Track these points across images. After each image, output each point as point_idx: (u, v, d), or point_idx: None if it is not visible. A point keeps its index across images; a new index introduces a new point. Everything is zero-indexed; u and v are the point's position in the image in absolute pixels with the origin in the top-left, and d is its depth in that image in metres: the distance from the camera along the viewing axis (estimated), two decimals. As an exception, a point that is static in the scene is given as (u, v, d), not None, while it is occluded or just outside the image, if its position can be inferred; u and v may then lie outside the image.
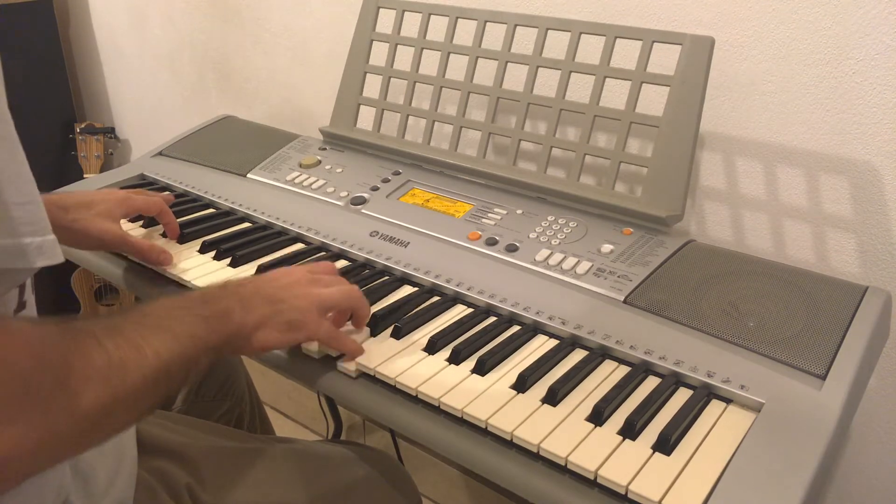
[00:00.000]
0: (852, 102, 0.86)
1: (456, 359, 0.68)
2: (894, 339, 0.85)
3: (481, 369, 0.67)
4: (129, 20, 1.81)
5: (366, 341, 0.72)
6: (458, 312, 0.77)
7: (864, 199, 0.88)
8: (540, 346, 0.71)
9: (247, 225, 0.98)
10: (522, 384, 0.64)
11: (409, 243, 0.87)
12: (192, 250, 0.90)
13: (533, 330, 0.73)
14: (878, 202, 0.87)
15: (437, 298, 0.79)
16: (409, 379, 0.65)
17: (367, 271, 0.85)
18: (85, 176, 1.84)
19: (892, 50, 0.82)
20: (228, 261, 0.87)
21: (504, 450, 0.59)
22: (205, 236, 0.93)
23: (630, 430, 0.58)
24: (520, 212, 0.90)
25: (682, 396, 0.63)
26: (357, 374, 0.68)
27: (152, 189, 1.07)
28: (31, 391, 0.43)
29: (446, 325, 0.74)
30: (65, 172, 1.92)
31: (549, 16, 0.93)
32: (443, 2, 1.04)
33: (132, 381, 0.49)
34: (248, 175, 1.07)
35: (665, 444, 0.57)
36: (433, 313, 0.76)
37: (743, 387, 0.62)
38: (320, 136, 1.14)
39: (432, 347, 0.70)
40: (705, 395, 0.63)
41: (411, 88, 1.04)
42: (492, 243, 0.84)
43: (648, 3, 0.98)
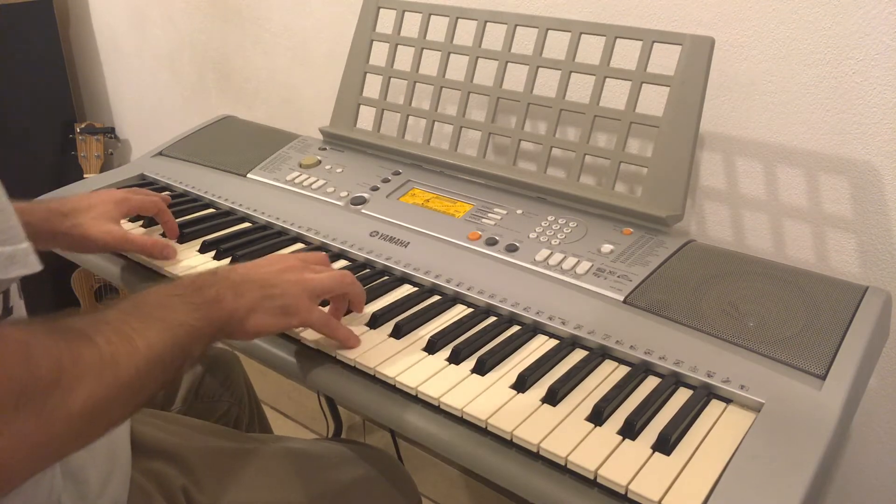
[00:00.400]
0: (852, 102, 0.86)
1: (456, 358, 0.68)
2: (894, 339, 0.85)
3: (481, 369, 0.67)
4: (129, 20, 1.81)
5: (364, 334, 0.72)
6: (458, 312, 0.77)
7: (864, 199, 0.88)
8: (540, 346, 0.71)
9: (247, 225, 0.98)
10: (522, 384, 0.64)
11: (409, 243, 0.87)
12: (192, 250, 0.90)
13: (533, 330, 0.73)
14: (878, 202, 0.87)
15: (437, 298, 0.79)
16: (409, 379, 0.65)
17: (367, 271, 0.85)
18: (85, 176, 1.84)
19: (892, 50, 0.82)
20: (228, 261, 0.87)
21: (504, 450, 0.59)
22: (205, 236, 0.93)
23: (630, 430, 0.58)
24: (520, 212, 0.90)
25: (681, 396, 0.63)
26: (353, 363, 0.68)
27: (152, 189, 1.07)
28: (24, 394, 0.42)
29: (446, 324, 0.74)
30: (65, 172, 1.92)
31: (549, 16, 0.93)
32: (443, 2, 1.04)
33: (125, 375, 0.49)
34: (248, 175, 1.07)
35: (665, 444, 0.57)
36: (433, 313, 0.76)
37: (743, 387, 0.62)
38: (320, 136, 1.14)
39: (432, 347, 0.70)
40: (705, 395, 0.63)
41: (411, 88, 1.04)
42: (492, 243, 0.84)
43: (648, 3, 0.98)
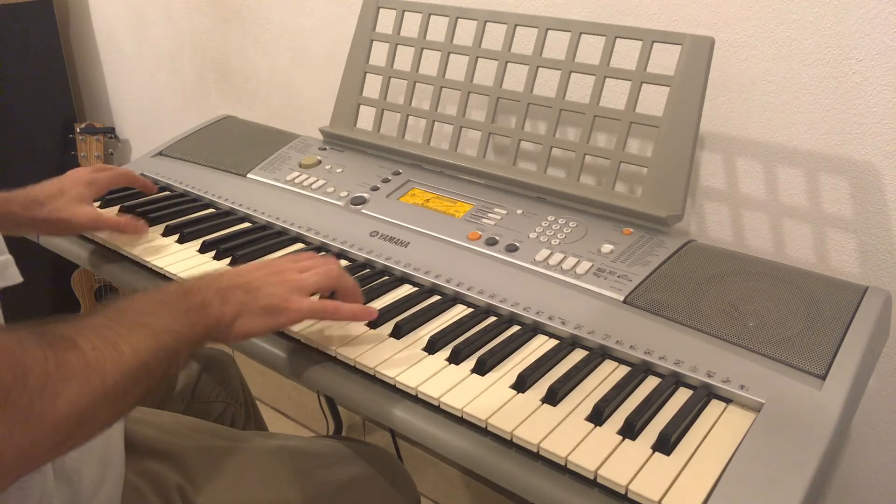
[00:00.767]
0: (852, 102, 0.86)
1: (456, 358, 0.68)
2: (894, 339, 0.85)
3: (481, 369, 0.67)
4: (129, 20, 1.81)
5: (364, 334, 0.72)
6: (458, 312, 0.77)
7: (864, 199, 0.88)
8: (540, 345, 0.71)
9: (247, 225, 0.98)
10: (522, 384, 0.64)
11: (409, 243, 0.87)
12: (192, 250, 0.90)
13: (533, 330, 0.73)
14: (878, 202, 0.87)
15: (437, 298, 0.79)
16: (409, 379, 0.65)
17: (368, 271, 0.85)
18: (85, 176, 1.84)
19: (892, 50, 0.82)
20: (228, 261, 0.87)
21: (504, 450, 0.59)
22: (205, 236, 0.93)
23: (630, 430, 0.58)
24: (520, 212, 0.90)
25: (681, 396, 0.63)
26: (353, 363, 0.68)
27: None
28: (10, 400, 0.42)
29: (446, 324, 0.74)
30: (65, 172, 1.91)
31: (549, 16, 0.93)
32: (443, 2, 1.04)
33: (111, 381, 0.49)
34: (248, 175, 1.07)
35: (665, 444, 0.57)
36: (433, 313, 0.76)
37: (743, 387, 0.62)
38: (320, 136, 1.14)
39: (432, 347, 0.70)
40: (705, 395, 0.63)
41: (411, 88, 1.04)
42: (492, 243, 0.84)
43: (648, 3, 0.98)
